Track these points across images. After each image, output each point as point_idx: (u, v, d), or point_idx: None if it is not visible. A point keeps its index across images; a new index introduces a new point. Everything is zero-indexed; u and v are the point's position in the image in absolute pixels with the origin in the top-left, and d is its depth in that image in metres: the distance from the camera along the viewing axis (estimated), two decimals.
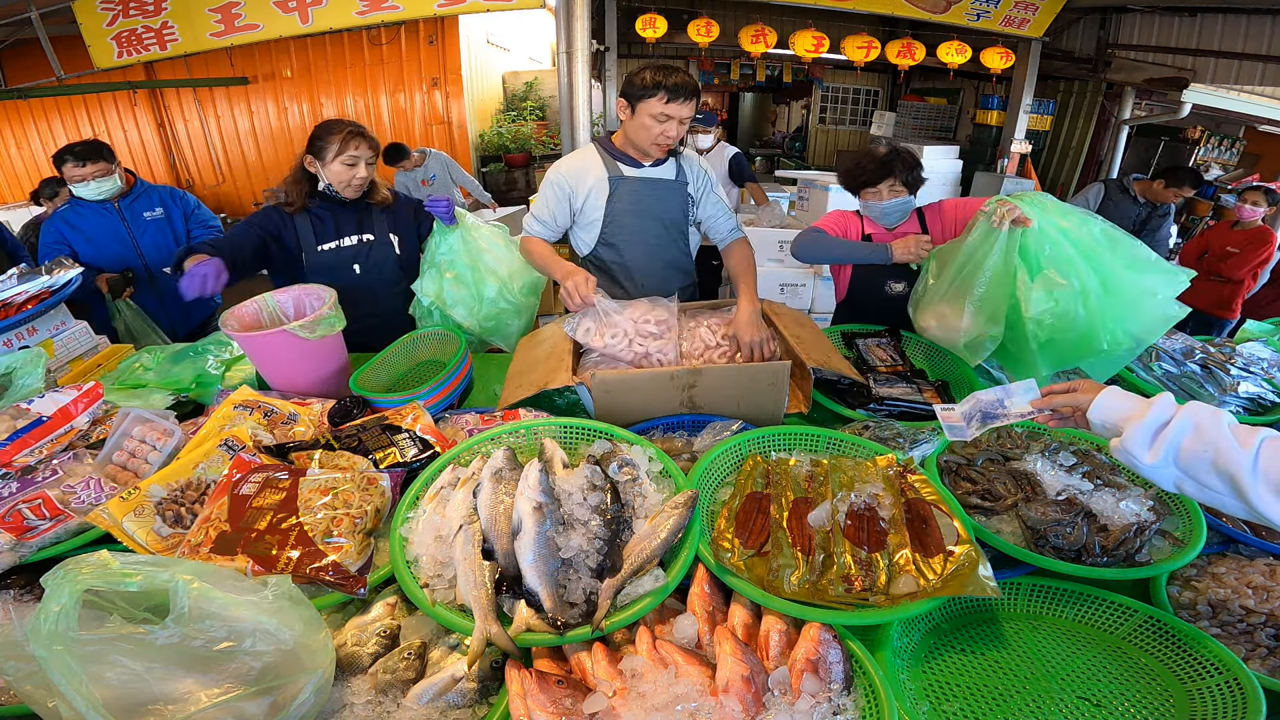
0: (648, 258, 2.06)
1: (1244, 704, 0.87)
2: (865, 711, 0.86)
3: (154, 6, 4.22)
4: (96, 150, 2.50)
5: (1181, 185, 3.67)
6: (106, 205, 2.57)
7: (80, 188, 2.50)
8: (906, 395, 1.63)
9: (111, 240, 2.56)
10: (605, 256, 2.06)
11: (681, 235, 2.08)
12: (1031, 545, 1.14)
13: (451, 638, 1.00)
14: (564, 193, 1.96)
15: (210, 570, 0.85)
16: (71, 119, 7.16)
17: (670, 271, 2.12)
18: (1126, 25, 5.74)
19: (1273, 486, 0.78)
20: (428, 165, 5.31)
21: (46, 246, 2.51)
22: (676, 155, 2.03)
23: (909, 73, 6.77)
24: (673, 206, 2.02)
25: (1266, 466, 0.79)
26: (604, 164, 1.94)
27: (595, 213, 1.97)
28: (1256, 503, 0.80)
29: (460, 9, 4.42)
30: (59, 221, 2.54)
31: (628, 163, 1.94)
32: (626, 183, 1.94)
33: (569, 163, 1.98)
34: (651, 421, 1.48)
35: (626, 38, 6.48)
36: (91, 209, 2.55)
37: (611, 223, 1.98)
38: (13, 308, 1.74)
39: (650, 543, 1.00)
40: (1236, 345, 1.85)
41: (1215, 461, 0.83)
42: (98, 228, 2.55)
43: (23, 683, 0.72)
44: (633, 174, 1.95)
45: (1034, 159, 6.64)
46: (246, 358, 1.80)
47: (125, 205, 2.60)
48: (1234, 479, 0.81)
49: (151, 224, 2.64)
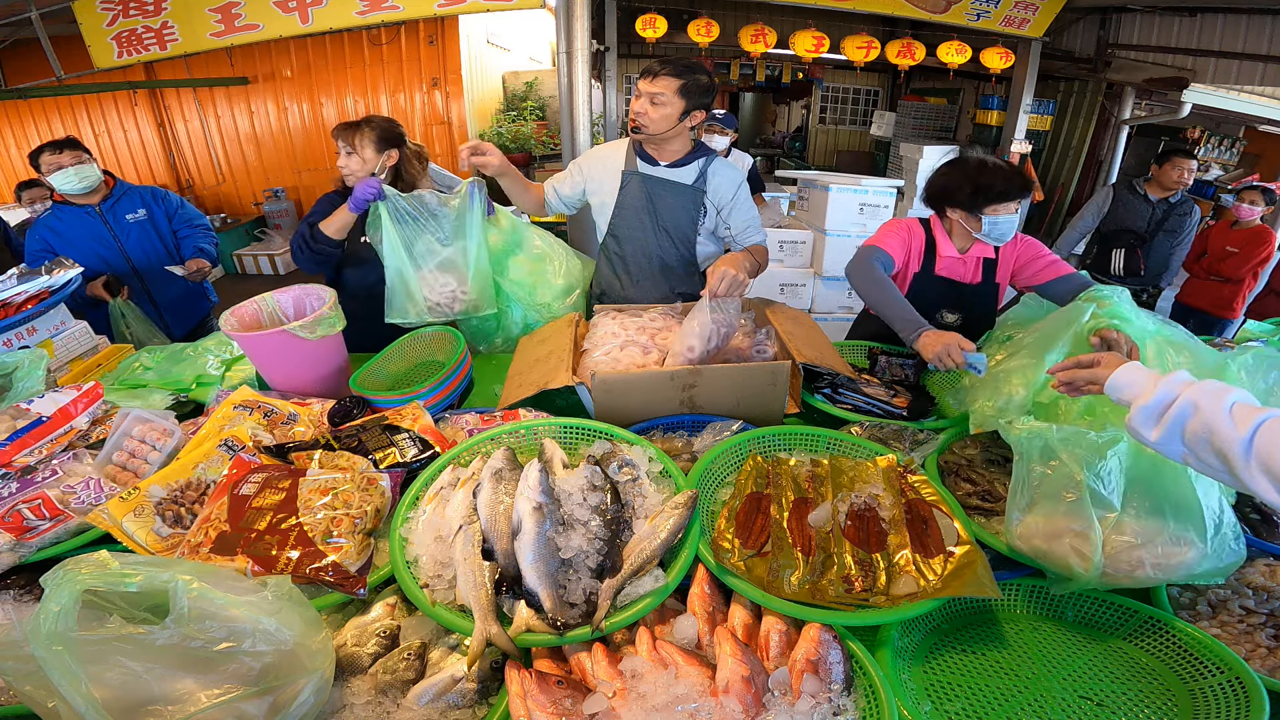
0: (645, 257, 2.08)
1: (1247, 703, 0.87)
2: (865, 712, 0.86)
3: (154, 6, 4.22)
4: (72, 141, 2.49)
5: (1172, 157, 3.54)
6: (88, 209, 2.53)
7: (61, 178, 2.44)
8: (876, 395, 1.60)
9: (96, 244, 2.52)
10: (610, 247, 2.12)
11: (684, 242, 2.04)
12: None
13: (451, 638, 0.99)
14: (580, 176, 2.05)
15: (210, 570, 0.85)
16: (71, 119, 7.16)
17: (666, 275, 2.11)
18: (1126, 25, 5.74)
19: (1263, 467, 0.82)
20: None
21: (32, 254, 2.46)
22: (707, 161, 1.98)
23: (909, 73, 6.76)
24: (679, 211, 2.00)
25: (1260, 447, 0.82)
26: (626, 158, 2.00)
27: (608, 202, 2.03)
28: (1249, 482, 0.83)
29: (460, 9, 4.42)
30: (42, 229, 2.50)
31: (646, 160, 1.97)
32: (637, 178, 1.98)
33: (599, 150, 2.08)
34: (651, 421, 1.48)
35: (626, 38, 6.47)
36: (74, 213, 2.51)
37: (618, 216, 2.03)
38: (12, 308, 1.74)
39: (650, 543, 1.00)
40: (1237, 345, 1.85)
41: (1211, 441, 0.86)
42: (81, 233, 2.51)
43: (22, 683, 0.71)
44: (647, 171, 1.98)
45: (1034, 159, 6.65)
46: (246, 358, 1.80)
47: (107, 208, 2.56)
48: (1227, 458, 0.85)
49: (135, 226, 2.60)
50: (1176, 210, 3.60)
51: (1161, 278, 3.76)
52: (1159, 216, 3.63)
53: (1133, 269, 3.68)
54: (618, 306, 1.90)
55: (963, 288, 1.89)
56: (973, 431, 1.35)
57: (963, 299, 1.89)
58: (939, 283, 1.90)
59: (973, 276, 1.89)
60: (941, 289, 1.89)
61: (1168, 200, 3.61)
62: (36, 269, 1.87)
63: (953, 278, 1.89)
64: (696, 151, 1.99)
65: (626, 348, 1.68)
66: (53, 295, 1.83)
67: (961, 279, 1.89)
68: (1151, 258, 3.66)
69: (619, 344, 1.69)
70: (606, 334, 1.75)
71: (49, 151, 2.45)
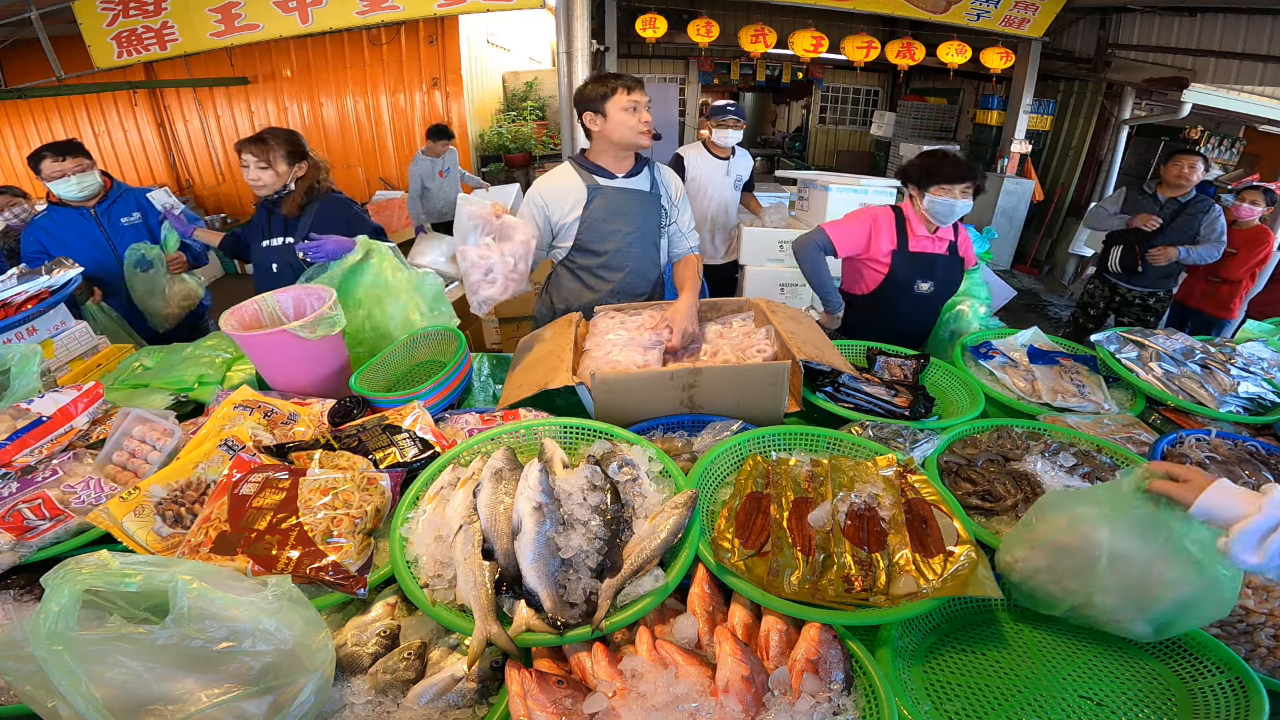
0: (621, 257, 2.09)
1: (1246, 703, 0.88)
2: (865, 711, 0.86)
3: (154, 6, 4.22)
4: (75, 146, 2.49)
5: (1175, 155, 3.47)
6: (84, 211, 2.52)
7: (61, 185, 2.44)
8: (877, 394, 1.61)
9: (90, 247, 2.51)
10: (579, 260, 2.09)
11: (654, 245, 2.14)
12: None
13: (451, 638, 1.00)
14: (542, 213, 2.02)
15: (210, 570, 0.85)
16: (71, 119, 7.17)
17: (642, 271, 2.15)
18: (1126, 25, 5.74)
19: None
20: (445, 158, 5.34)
21: (28, 256, 2.45)
22: (651, 167, 2.10)
23: (909, 73, 6.78)
24: (648, 215, 2.08)
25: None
26: (581, 179, 2.01)
27: (573, 224, 2.02)
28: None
29: (460, 9, 4.42)
30: (37, 230, 2.49)
31: (603, 175, 2.01)
32: (603, 192, 2.00)
33: (548, 183, 2.04)
34: (651, 421, 1.48)
35: (626, 38, 6.47)
36: (69, 216, 2.51)
37: (588, 229, 2.02)
38: (12, 307, 1.74)
39: (650, 543, 1.00)
40: (1236, 345, 1.85)
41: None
42: (75, 235, 2.51)
43: (23, 683, 0.71)
44: (608, 184, 2.01)
45: (1034, 159, 6.65)
46: (246, 358, 1.80)
47: (102, 211, 2.55)
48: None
49: (129, 230, 2.59)
50: (1188, 209, 3.48)
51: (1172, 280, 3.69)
52: (1171, 213, 3.51)
53: (1129, 266, 3.67)
54: (617, 306, 1.91)
55: (935, 260, 2.22)
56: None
57: (934, 270, 2.23)
58: (914, 257, 2.22)
59: (942, 252, 2.24)
60: (916, 263, 2.22)
61: (1177, 200, 3.50)
62: (36, 269, 1.88)
63: (925, 252, 2.22)
64: (639, 161, 2.08)
65: (626, 348, 1.68)
66: (53, 295, 1.83)
67: (933, 253, 2.23)
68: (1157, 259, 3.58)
69: (619, 344, 1.70)
70: (606, 334, 1.76)
71: (52, 157, 2.44)
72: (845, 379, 1.62)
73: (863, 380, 1.65)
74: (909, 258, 2.21)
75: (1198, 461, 1.41)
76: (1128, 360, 1.78)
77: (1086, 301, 4.04)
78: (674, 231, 2.17)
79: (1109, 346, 1.83)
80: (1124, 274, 3.72)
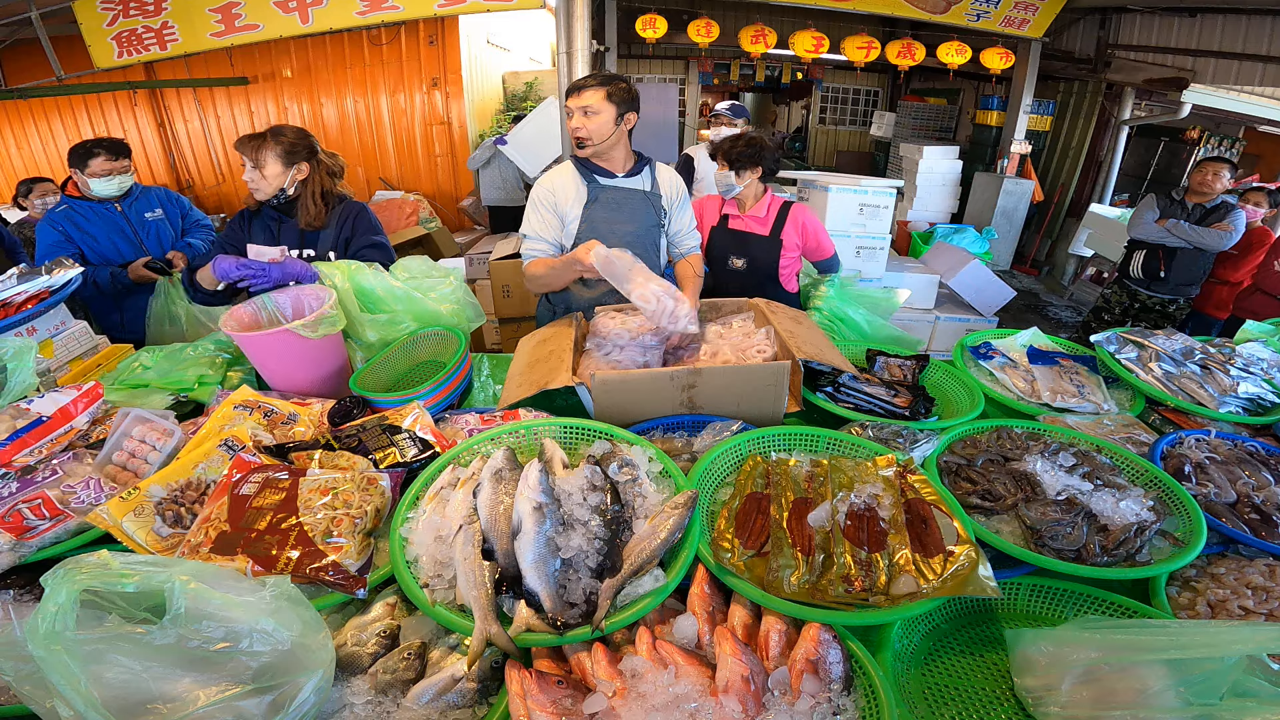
0: None
1: None
2: (865, 712, 0.86)
3: (154, 6, 4.22)
4: (126, 147, 2.58)
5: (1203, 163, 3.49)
6: (109, 205, 2.58)
7: (104, 184, 2.51)
8: (878, 394, 1.61)
9: (119, 240, 2.59)
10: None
11: (654, 244, 2.14)
12: (1031, 545, 1.14)
13: (451, 638, 0.99)
14: (552, 206, 2.01)
15: (209, 570, 0.85)
16: (71, 119, 7.15)
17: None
18: (1126, 25, 5.74)
19: None
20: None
21: (48, 247, 2.49)
22: (651, 167, 2.10)
23: (909, 73, 6.77)
24: (647, 215, 2.08)
25: None
26: (581, 177, 2.01)
27: (573, 222, 2.03)
28: None
29: (460, 9, 4.42)
30: (64, 222, 2.53)
31: (602, 174, 2.02)
32: (605, 191, 2.01)
33: (550, 179, 2.04)
34: (651, 421, 1.48)
35: (626, 38, 6.47)
36: (95, 210, 2.56)
37: (589, 228, 2.02)
38: (12, 307, 1.74)
39: (650, 543, 1.00)
40: (1236, 345, 1.85)
41: None
42: (103, 229, 2.57)
43: (21, 682, 0.71)
44: (607, 183, 2.02)
45: (1034, 159, 6.64)
46: (246, 357, 1.80)
47: (127, 206, 2.62)
48: None
49: (154, 224, 2.69)
50: (1212, 215, 3.52)
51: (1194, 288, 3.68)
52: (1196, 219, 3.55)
53: (1151, 271, 3.67)
54: (617, 306, 1.91)
55: (748, 240, 2.44)
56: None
57: (746, 248, 2.44)
58: (728, 234, 2.47)
59: (758, 231, 2.43)
60: (729, 240, 2.46)
61: (1203, 206, 3.54)
62: (37, 269, 1.87)
63: (739, 230, 2.45)
64: (640, 160, 2.08)
65: (627, 348, 1.68)
66: (53, 295, 1.83)
67: (747, 232, 2.44)
68: (1178, 265, 3.58)
69: (619, 344, 1.70)
70: (607, 334, 1.76)
71: (107, 155, 2.50)
72: (845, 379, 1.62)
73: (863, 380, 1.65)
74: (725, 234, 2.47)
75: (1197, 462, 1.41)
76: (1127, 360, 1.78)
77: (1101, 306, 4.02)
78: (674, 231, 2.18)
79: (1108, 347, 1.83)
80: (1145, 280, 3.72)
